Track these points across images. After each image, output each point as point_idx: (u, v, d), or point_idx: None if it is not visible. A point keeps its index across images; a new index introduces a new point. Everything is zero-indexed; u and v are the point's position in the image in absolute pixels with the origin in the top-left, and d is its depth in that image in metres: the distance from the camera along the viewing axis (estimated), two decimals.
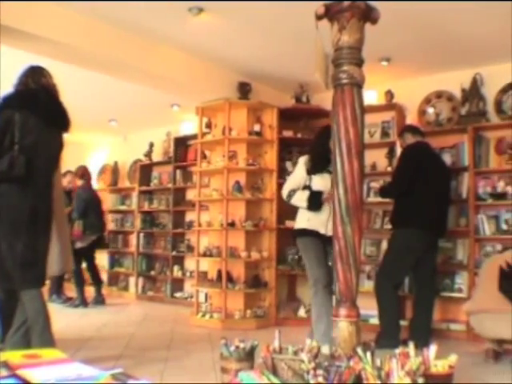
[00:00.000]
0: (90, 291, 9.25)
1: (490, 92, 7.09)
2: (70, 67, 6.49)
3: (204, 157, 8.06)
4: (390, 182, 6.55)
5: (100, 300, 9.18)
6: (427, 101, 7.52)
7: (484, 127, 6.97)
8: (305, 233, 5.43)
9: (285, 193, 5.52)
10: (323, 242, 5.32)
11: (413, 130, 6.46)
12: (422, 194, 6.00)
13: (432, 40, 6.37)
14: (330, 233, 4.84)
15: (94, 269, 9.34)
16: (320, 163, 5.44)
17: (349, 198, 3.34)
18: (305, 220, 5.44)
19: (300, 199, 5.40)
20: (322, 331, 4.96)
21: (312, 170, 5.45)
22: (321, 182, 5.42)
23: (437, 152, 6.83)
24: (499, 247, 6.60)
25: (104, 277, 11.14)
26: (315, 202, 5.37)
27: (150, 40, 6.48)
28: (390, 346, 4.18)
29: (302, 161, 5.52)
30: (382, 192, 6.63)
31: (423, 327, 6.04)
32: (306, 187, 5.42)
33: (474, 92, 7.13)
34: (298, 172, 5.53)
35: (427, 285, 6.26)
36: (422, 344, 3.96)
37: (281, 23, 5.96)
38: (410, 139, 6.33)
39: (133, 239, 10.78)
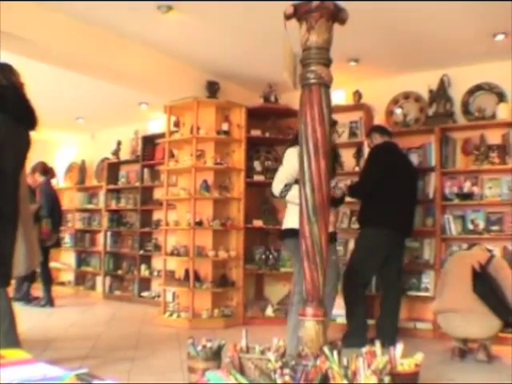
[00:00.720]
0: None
1: (457, 93, 7.17)
2: (37, 64, 6.42)
3: (172, 155, 8.03)
4: (357, 181, 6.57)
5: (49, 301, 8.77)
6: (395, 101, 7.58)
7: (451, 128, 7.05)
8: None
9: (278, 188, 4.90)
10: None
11: (381, 130, 6.50)
12: (390, 194, 6.03)
13: (400, 41, 6.42)
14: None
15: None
16: None
17: (316, 198, 3.35)
18: None
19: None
20: (295, 344, 4.43)
21: None
22: None
23: (404, 152, 6.89)
24: (465, 247, 6.67)
25: (71, 276, 11.08)
26: None
27: (119, 37, 6.43)
28: (357, 345, 4.17)
29: (295, 152, 4.75)
30: (350, 192, 6.66)
31: (390, 326, 6.08)
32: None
33: (441, 93, 7.19)
34: (291, 164, 4.84)
35: (394, 284, 6.30)
36: (388, 343, 3.99)
37: (250, 23, 5.96)
38: (378, 139, 6.36)
39: (100, 238, 10.70)
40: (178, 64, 7.25)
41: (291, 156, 4.88)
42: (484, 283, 5.18)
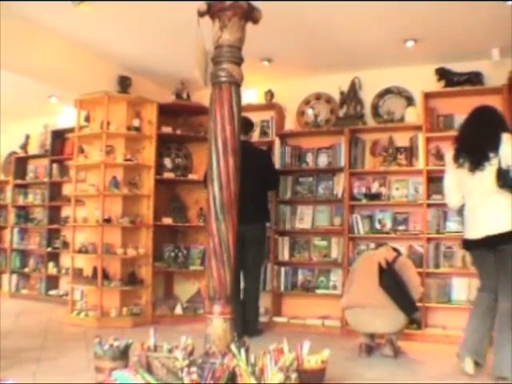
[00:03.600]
0: None
1: (367, 96, 7.34)
2: None
3: (81, 151, 7.86)
4: None
5: None
6: (306, 102, 7.67)
7: (360, 130, 7.19)
8: None
9: None
10: None
11: None
12: (242, 192, 6.01)
13: (313, 42, 6.50)
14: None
15: None
16: None
17: (224, 195, 3.36)
18: None
19: None
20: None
21: None
22: None
23: (256, 149, 6.91)
24: (373, 246, 6.84)
25: None
26: None
27: (29, 28, 6.25)
28: None
29: None
30: None
31: (252, 316, 6.35)
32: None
33: (352, 95, 7.32)
34: None
35: (251, 274, 6.48)
36: (251, 333, 4.08)
37: (163, 18, 5.91)
38: None
39: (6, 235, 10.40)
40: (90, 57, 7.11)
41: None
42: (390, 278, 5.31)
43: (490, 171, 4.49)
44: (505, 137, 4.49)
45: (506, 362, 4.19)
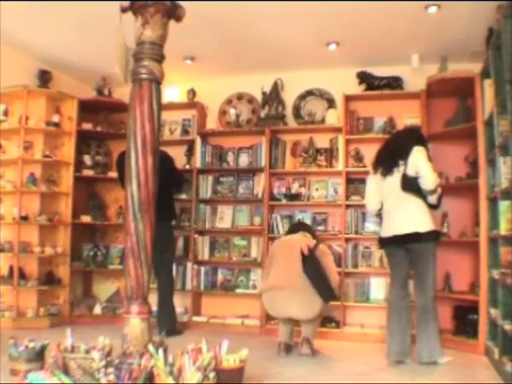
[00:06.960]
0: None
1: (289, 97, 7.43)
2: None
3: None
4: None
5: None
6: (228, 101, 7.69)
7: (281, 130, 7.26)
8: None
9: None
10: None
11: None
12: None
13: (236, 42, 6.53)
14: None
15: None
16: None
17: (141, 194, 3.33)
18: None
19: None
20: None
21: None
22: None
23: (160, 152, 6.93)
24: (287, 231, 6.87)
25: None
26: None
27: None
28: None
29: None
30: None
31: (165, 314, 6.40)
32: None
33: (273, 96, 7.37)
34: None
35: (160, 273, 6.51)
36: (167, 332, 4.09)
37: (84, 12, 5.78)
38: None
39: None
40: (9, 50, 6.88)
41: None
42: (312, 264, 5.38)
43: (398, 177, 5.09)
44: (415, 148, 5.06)
45: (425, 349, 4.94)
